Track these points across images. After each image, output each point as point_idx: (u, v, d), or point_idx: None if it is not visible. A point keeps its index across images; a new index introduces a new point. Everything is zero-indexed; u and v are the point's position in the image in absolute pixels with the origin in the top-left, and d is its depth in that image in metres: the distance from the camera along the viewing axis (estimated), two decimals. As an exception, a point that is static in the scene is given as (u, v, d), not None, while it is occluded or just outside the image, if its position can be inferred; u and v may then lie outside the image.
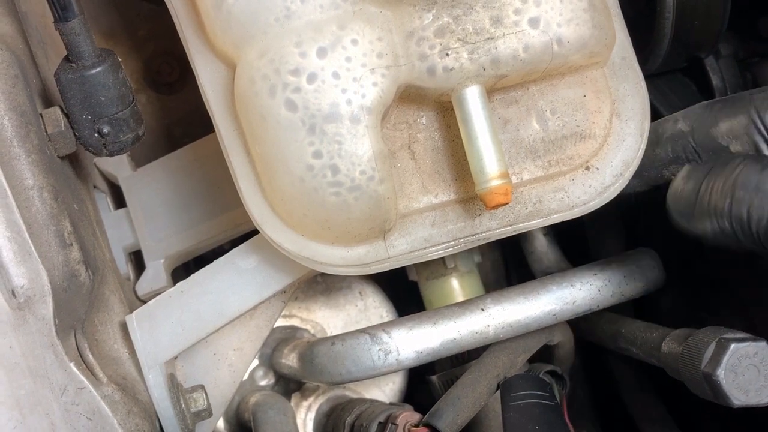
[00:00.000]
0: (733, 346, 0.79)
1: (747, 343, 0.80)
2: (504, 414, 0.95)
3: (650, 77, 1.24)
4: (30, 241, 0.80)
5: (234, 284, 0.96)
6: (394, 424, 1.00)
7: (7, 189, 0.81)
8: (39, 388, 0.82)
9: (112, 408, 0.85)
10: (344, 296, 1.27)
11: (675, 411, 1.12)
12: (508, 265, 1.45)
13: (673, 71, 1.28)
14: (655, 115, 1.24)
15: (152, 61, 1.29)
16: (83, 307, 0.88)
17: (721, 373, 0.79)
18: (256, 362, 1.21)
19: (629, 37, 0.91)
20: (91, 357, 0.87)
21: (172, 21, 0.87)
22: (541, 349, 1.08)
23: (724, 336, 0.81)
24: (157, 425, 0.94)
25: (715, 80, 1.27)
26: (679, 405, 1.16)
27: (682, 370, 0.85)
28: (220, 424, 1.19)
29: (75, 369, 0.83)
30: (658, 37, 1.16)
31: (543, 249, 1.25)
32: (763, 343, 0.80)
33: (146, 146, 1.24)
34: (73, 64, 0.84)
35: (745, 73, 1.28)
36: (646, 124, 0.90)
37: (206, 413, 0.98)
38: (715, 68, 1.27)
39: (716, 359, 0.80)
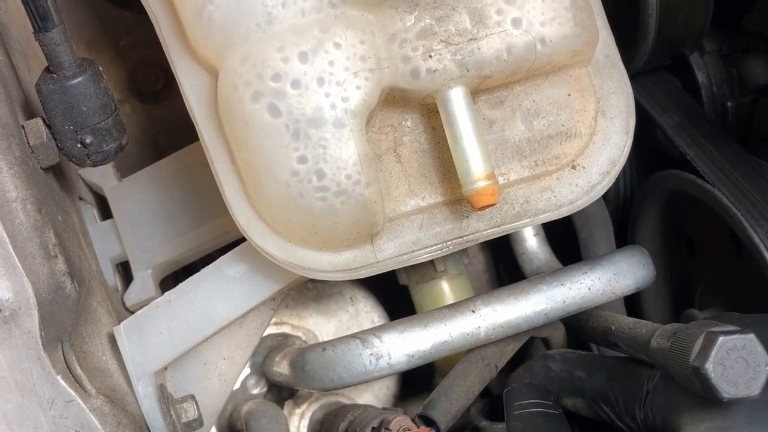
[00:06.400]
0: (721, 339, 0.79)
1: (735, 336, 0.79)
2: (508, 423, 0.95)
3: (636, 76, 1.24)
4: (14, 254, 0.80)
5: (222, 292, 0.95)
6: (388, 429, 0.99)
7: (-10, 202, 0.80)
8: (27, 401, 0.81)
9: (101, 420, 0.84)
10: (335, 302, 1.26)
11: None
12: (499, 267, 1.45)
13: (659, 69, 1.28)
14: (642, 113, 1.24)
15: (136, 70, 1.28)
16: (70, 319, 0.87)
17: (710, 367, 0.79)
18: (247, 371, 1.20)
19: (612, 35, 0.91)
20: (78, 369, 0.86)
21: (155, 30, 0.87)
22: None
23: (712, 329, 0.80)
24: (148, 436, 0.93)
25: (701, 77, 1.28)
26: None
27: (671, 365, 0.84)
28: (213, 433, 1.18)
29: (62, 382, 0.82)
30: (642, 36, 1.16)
31: (534, 250, 1.25)
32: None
33: (132, 157, 1.24)
34: (54, 75, 0.83)
35: (730, 69, 1.28)
36: (632, 121, 0.90)
37: (197, 423, 0.97)
38: (700, 65, 1.27)
39: (704, 353, 0.79)
